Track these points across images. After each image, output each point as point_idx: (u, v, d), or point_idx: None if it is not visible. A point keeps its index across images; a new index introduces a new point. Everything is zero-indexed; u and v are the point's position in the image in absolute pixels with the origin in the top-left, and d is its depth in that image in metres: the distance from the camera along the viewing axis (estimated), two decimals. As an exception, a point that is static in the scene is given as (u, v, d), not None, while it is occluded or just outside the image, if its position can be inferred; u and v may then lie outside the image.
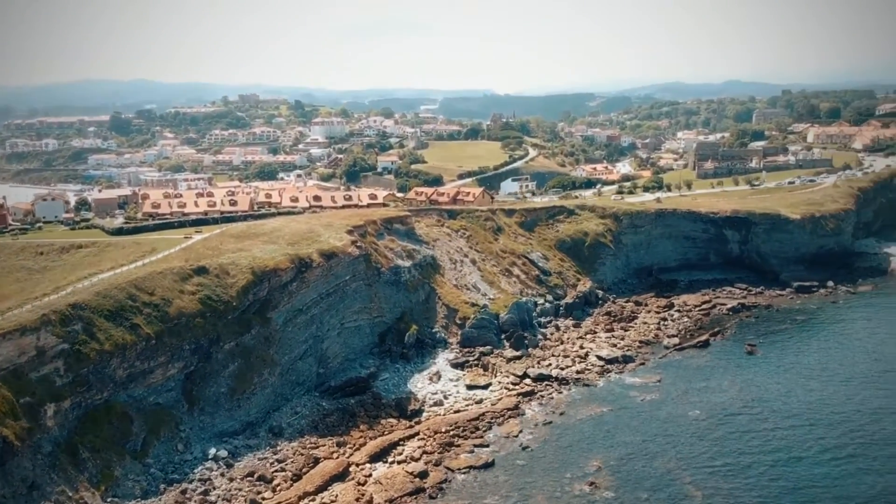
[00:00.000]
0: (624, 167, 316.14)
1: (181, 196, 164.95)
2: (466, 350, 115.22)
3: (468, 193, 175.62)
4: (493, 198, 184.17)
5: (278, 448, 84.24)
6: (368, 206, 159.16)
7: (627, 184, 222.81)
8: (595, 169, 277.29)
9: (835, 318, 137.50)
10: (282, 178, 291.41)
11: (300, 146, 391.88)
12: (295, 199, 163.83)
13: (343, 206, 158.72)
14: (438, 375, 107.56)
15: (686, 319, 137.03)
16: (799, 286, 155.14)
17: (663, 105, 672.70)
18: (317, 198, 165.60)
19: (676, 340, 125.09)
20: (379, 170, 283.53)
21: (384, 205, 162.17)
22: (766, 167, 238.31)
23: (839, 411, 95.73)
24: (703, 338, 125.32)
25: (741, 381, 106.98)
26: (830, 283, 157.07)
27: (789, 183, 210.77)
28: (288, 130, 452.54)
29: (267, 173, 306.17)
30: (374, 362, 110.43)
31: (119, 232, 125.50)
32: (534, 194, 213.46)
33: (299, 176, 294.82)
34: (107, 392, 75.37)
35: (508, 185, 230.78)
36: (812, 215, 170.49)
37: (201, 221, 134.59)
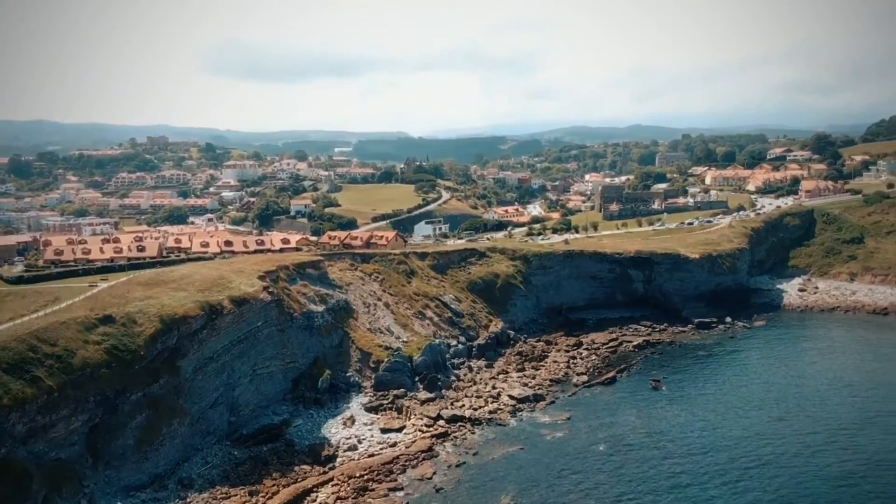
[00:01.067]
0: (534, 209, 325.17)
1: (86, 242, 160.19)
2: (380, 394, 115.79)
3: (382, 237, 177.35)
4: (406, 241, 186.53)
5: (188, 500, 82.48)
6: (281, 250, 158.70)
7: (537, 226, 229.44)
8: (506, 211, 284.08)
9: (732, 352, 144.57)
10: (192, 223, 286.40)
11: (211, 189, 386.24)
12: (206, 245, 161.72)
13: (255, 251, 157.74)
14: (352, 420, 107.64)
15: (594, 357, 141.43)
16: (699, 322, 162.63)
17: (572, 148, 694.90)
18: (228, 243, 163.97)
19: (585, 378, 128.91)
20: (292, 213, 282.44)
21: (297, 249, 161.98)
22: (668, 209, 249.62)
23: (733, 438, 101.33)
24: (611, 375, 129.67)
25: (646, 415, 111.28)
26: (728, 319, 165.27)
27: (688, 224, 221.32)
28: (199, 173, 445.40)
29: (176, 217, 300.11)
30: (287, 409, 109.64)
31: (19, 280, 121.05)
32: (447, 237, 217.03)
33: (210, 220, 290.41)
34: (4, 448, 72.47)
35: (422, 228, 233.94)
36: (710, 255, 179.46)
37: (107, 269, 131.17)
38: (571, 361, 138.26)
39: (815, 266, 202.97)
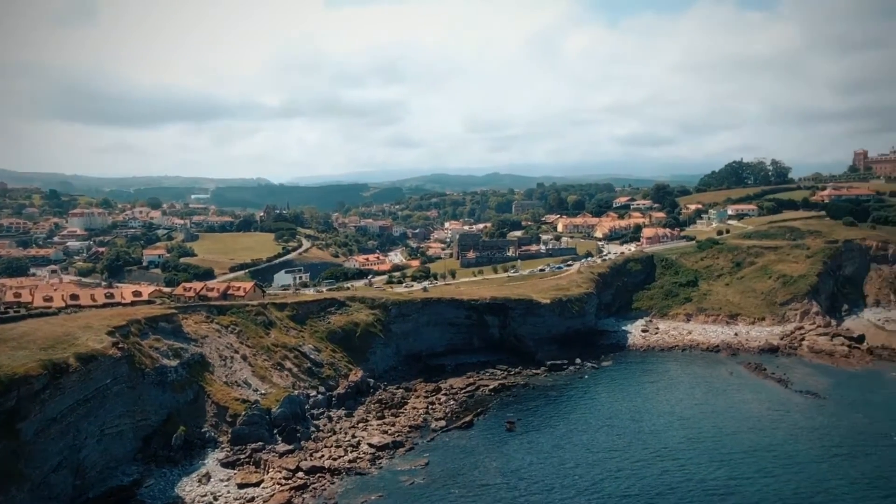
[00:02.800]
0: (395, 257, 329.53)
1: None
2: (238, 448, 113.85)
3: (239, 288, 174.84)
4: (265, 291, 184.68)
5: (27, 572, 78.03)
6: (133, 303, 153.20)
7: (397, 273, 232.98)
8: (367, 259, 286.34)
9: (582, 392, 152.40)
10: (34, 275, 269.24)
11: (56, 239, 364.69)
12: (49, 298, 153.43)
13: (104, 305, 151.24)
14: (208, 477, 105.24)
15: (452, 402, 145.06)
16: (552, 364, 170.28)
17: (433, 196, 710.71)
18: (74, 296, 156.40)
19: (443, 423, 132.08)
20: (145, 264, 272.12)
21: (150, 302, 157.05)
22: (522, 255, 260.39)
23: (579, 473, 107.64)
24: (468, 418, 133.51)
25: (500, 455, 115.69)
26: (578, 360, 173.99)
27: (540, 270, 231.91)
28: (41, 222, 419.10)
29: (16, 269, 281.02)
30: (138, 468, 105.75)
31: None
32: (307, 286, 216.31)
33: (54, 272, 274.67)
34: None
35: (282, 278, 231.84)
36: (560, 299, 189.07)
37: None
38: (430, 407, 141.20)
39: (655, 308, 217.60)
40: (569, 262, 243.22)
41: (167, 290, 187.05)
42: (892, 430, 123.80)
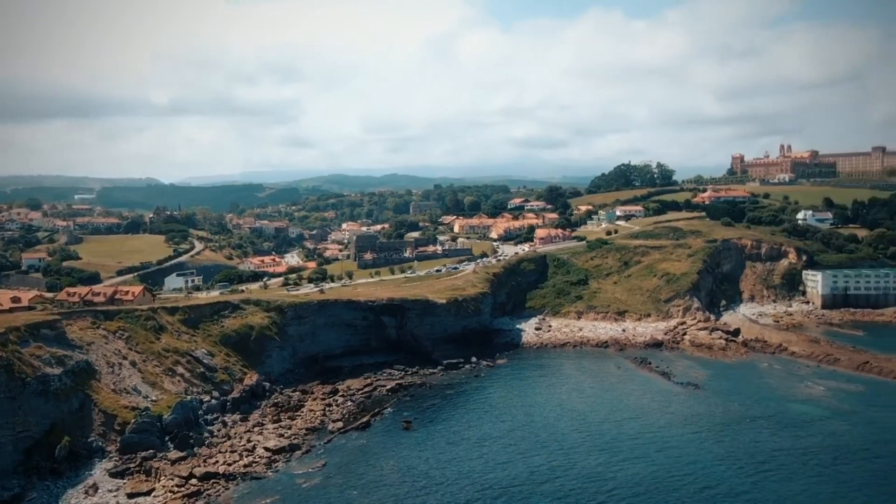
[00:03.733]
0: (292, 259, 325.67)
1: None
2: (127, 457, 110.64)
3: (127, 292, 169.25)
4: (155, 295, 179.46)
5: None
6: (11, 310, 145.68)
7: (293, 276, 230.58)
8: (263, 261, 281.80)
9: (477, 390, 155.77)
10: None
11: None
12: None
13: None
14: (95, 488, 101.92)
15: (350, 403, 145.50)
16: (448, 363, 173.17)
17: (330, 197, 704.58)
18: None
19: (341, 424, 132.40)
20: (24, 268, 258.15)
21: (30, 308, 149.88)
22: (419, 256, 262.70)
23: (475, 469, 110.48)
24: (365, 419, 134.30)
25: (397, 455, 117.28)
26: (474, 359, 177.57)
27: (437, 271, 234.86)
28: None
29: None
30: (19, 482, 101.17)
31: None
32: (200, 289, 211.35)
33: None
34: None
35: (173, 281, 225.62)
36: (456, 299, 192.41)
37: None
38: (327, 409, 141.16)
39: (548, 306, 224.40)
40: (465, 263, 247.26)
41: (49, 295, 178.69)
42: (758, 414, 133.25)
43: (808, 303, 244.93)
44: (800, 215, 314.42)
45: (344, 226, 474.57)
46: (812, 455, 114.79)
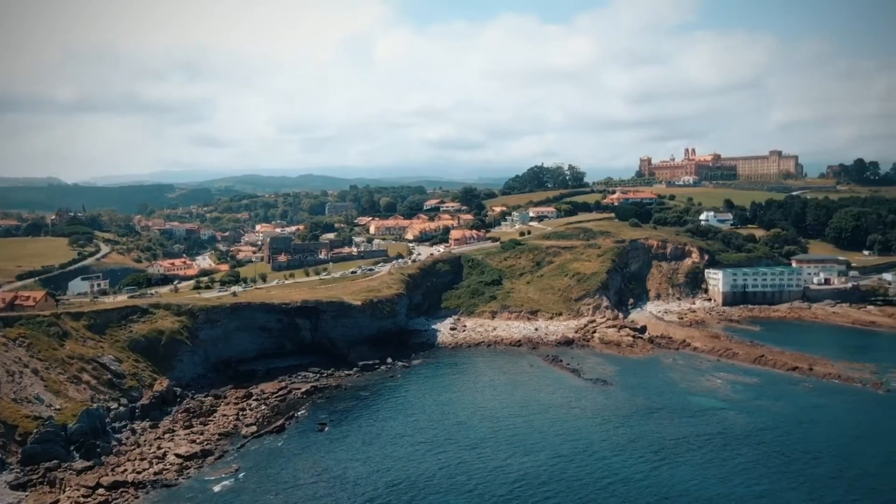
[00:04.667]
0: (204, 261, 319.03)
1: None
2: (29, 468, 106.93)
3: (28, 297, 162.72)
4: (58, 300, 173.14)
5: None
6: None
7: (205, 278, 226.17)
8: (173, 264, 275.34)
9: (393, 390, 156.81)
10: None
11: None
12: None
13: None
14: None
15: (264, 407, 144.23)
16: (364, 365, 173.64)
17: (243, 198, 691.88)
18: None
19: (255, 428, 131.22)
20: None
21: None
22: (334, 258, 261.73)
23: (387, 467, 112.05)
24: (279, 423, 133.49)
25: (312, 457, 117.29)
26: (390, 360, 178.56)
27: (352, 272, 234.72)
28: None
29: None
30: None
31: None
32: (106, 294, 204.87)
33: None
34: None
35: (77, 285, 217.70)
36: (372, 301, 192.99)
37: None
38: (241, 413, 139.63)
39: (463, 307, 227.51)
40: (381, 264, 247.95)
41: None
42: (660, 407, 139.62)
43: (710, 300, 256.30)
44: (703, 216, 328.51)
45: (258, 227, 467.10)
46: (704, 442, 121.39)
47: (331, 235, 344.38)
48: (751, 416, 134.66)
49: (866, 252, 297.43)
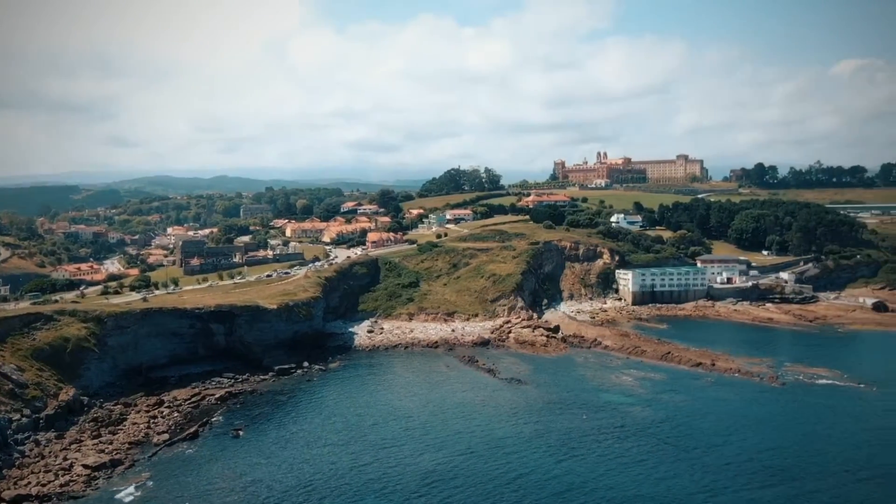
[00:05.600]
0: (112, 265, 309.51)
1: None
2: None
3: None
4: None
5: None
6: None
7: (114, 283, 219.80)
8: (79, 269, 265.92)
9: (309, 394, 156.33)
10: None
11: None
12: None
13: None
14: None
15: (176, 414, 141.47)
16: (280, 369, 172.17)
17: (154, 200, 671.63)
18: None
19: (167, 436, 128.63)
20: None
21: None
22: (249, 261, 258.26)
23: (302, 470, 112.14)
24: (193, 430, 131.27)
25: (226, 462, 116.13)
26: (306, 364, 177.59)
27: (268, 276, 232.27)
28: None
29: None
30: None
31: None
32: (6, 300, 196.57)
33: None
34: None
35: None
36: (287, 304, 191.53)
37: None
38: (152, 421, 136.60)
39: (380, 309, 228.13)
40: (297, 267, 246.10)
41: None
42: (572, 404, 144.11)
43: (620, 299, 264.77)
44: (613, 218, 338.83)
45: (169, 230, 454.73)
46: (609, 436, 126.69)
47: (246, 238, 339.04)
48: (655, 410, 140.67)
49: (765, 252, 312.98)
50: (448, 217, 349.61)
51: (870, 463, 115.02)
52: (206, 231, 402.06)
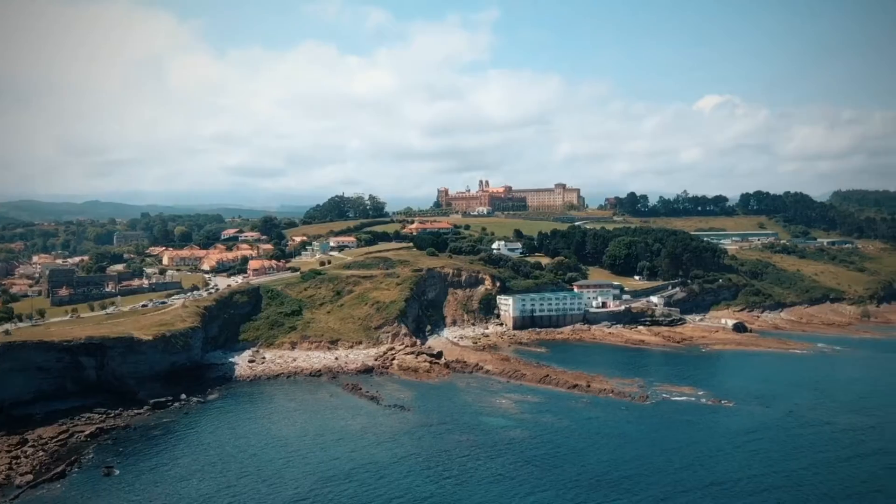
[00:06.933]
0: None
1: None
2: None
3: None
4: None
5: None
6: None
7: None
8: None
9: (187, 427, 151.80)
10: None
11: None
12: None
13: None
14: None
15: (42, 453, 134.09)
16: (155, 403, 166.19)
17: (17, 226, 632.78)
18: None
19: (30, 477, 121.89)
20: None
21: None
22: (122, 291, 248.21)
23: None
24: (59, 469, 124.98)
25: (98, 503, 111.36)
26: (184, 396, 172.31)
27: (143, 306, 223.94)
28: None
29: None
30: None
31: None
32: None
33: None
34: None
35: None
36: (163, 335, 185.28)
37: None
38: (14, 462, 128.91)
39: (262, 338, 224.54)
40: (174, 297, 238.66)
41: None
42: (453, 428, 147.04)
43: (502, 325, 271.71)
44: (495, 245, 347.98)
45: (35, 258, 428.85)
46: (484, 456, 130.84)
47: (120, 267, 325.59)
48: (530, 431, 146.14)
49: (637, 277, 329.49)
50: (332, 244, 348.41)
51: (713, 471, 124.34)
52: (77, 259, 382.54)
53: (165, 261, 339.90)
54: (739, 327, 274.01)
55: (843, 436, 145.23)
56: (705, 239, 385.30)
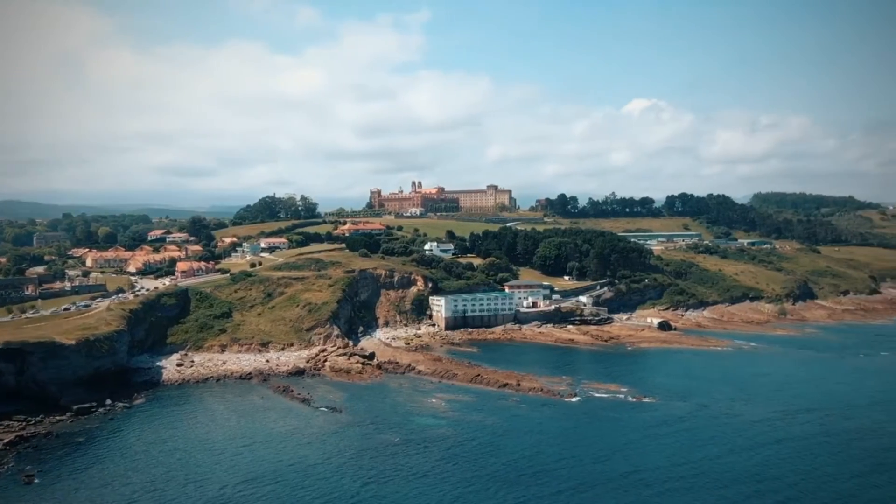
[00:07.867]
0: None
1: None
2: None
3: None
4: None
5: None
6: None
7: None
8: None
9: (112, 433, 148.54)
10: None
11: None
12: None
13: None
14: None
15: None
16: (79, 409, 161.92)
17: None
18: None
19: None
20: None
21: None
22: (43, 294, 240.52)
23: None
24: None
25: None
26: (109, 402, 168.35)
27: (65, 309, 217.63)
28: None
29: None
30: None
31: None
32: None
33: None
34: None
35: None
36: (87, 339, 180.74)
37: None
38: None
39: (191, 341, 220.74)
40: (98, 299, 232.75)
41: None
42: (385, 429, 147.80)
43: (434, 325, 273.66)
44: (427, 246, 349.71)
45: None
46: (414, 455, 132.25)
47: (40, 269, 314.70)
48: (459, 429, 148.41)
49: (566, 277, 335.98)
50: (263, 245, 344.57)
51: (626, 462, 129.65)
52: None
53: (89, 262, 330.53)
54: (664, 326, 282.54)
55: (750, 427, 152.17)
56: (632, 240, 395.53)
